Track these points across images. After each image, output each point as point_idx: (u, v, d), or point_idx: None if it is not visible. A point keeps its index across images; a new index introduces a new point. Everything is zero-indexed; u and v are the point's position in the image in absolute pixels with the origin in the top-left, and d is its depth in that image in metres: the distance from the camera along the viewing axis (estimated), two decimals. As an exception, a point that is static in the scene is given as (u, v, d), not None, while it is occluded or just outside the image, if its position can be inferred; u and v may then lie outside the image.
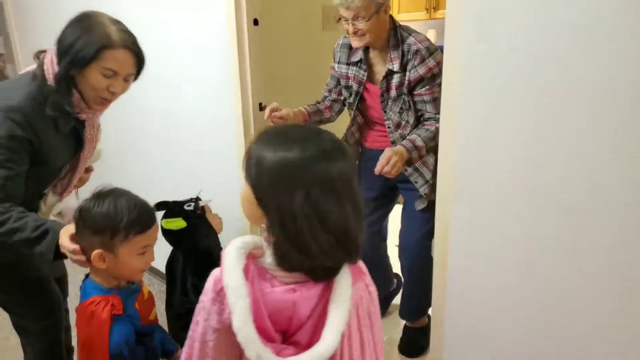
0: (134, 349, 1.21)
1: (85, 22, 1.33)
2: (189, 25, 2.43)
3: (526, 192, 1.37)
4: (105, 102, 1.41)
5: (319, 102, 2.13)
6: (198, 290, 1.75)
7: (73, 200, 1.82)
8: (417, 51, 1.80)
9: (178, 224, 1.76)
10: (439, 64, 1.76)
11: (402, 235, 2.13)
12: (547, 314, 1.43)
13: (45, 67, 1.35)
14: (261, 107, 2.16)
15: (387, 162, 1.70)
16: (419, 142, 1.78)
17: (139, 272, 1.25)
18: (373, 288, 0.97)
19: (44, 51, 1.40)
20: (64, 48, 1.32)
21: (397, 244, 2.17)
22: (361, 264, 0.98)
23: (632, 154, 1.18)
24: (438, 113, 1.71)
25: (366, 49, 1.94)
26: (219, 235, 1.90)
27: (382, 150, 1.91)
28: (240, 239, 0.91)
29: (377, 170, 1.72)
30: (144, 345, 1.27)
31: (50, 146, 1.38)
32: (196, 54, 2.39)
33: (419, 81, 1.82)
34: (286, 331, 0.90)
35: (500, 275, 1.50)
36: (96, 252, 1.15)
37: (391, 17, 1.88)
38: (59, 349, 1.71)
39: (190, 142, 2.61)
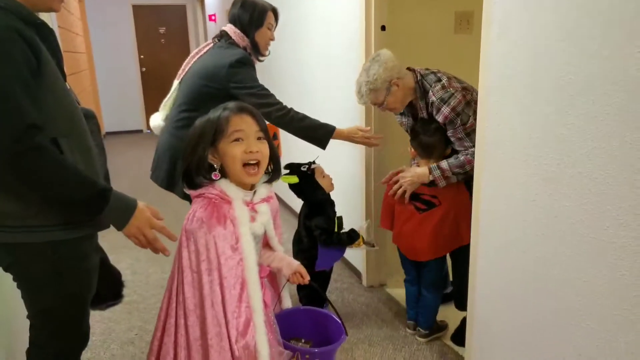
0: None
1: (248, 4, 2.25)
2: (326, 30, 3.02)
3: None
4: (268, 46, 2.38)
5: None
6: (307, 230, 2.35)
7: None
8: (432, 103, 2.04)
9: (291, 179, 2.30)
10: (454, 109, 1.98)
11: None
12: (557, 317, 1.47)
13: (234, 39, 2.25)
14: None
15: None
16: (444, 165, 2.08)
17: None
18: None
19: (220, 34, 2.30)
20: (246, 23, 2.25)
21: None
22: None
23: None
24: (466, 148, 2.03)
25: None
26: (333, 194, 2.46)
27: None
28: None
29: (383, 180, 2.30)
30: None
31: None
32: (332, 56, 2.99)
33: (444, 124, 2.06)
34: None
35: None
36: None
37: (414, 70, 2.13)
38: None
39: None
